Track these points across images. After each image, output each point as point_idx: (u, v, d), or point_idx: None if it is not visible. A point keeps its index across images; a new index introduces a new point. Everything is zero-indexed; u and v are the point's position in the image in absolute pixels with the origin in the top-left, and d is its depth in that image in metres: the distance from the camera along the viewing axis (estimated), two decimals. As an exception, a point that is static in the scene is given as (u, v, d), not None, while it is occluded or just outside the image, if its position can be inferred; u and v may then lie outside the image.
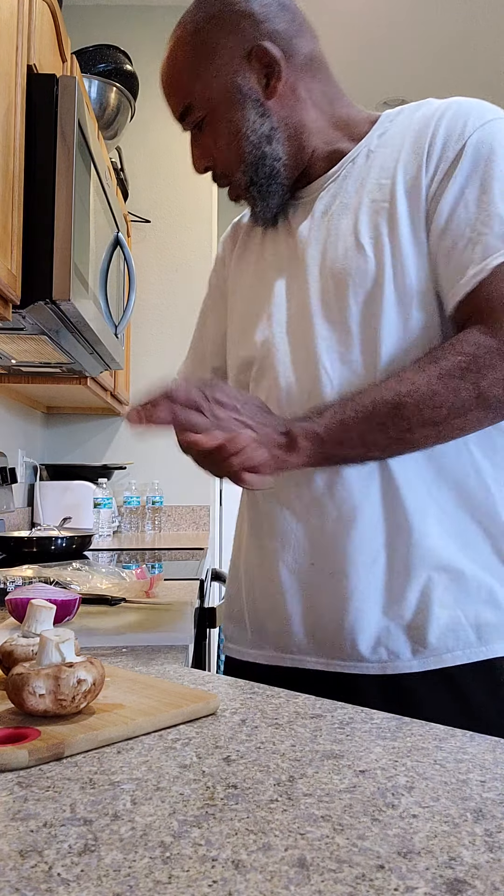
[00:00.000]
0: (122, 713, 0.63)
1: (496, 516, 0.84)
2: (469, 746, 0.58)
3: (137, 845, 0.42)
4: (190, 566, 1.89)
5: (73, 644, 0.64)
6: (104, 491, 2.71)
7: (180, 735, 0.61)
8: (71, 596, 1.00)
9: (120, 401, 2.93)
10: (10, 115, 1.29)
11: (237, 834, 0.44)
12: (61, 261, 1.38)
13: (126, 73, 2.60)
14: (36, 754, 0.55)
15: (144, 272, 3.20)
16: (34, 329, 1.57)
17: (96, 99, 2.52)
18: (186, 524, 3.14)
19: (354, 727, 0.62)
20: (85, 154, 1.52)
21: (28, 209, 1.38)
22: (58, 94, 1.40)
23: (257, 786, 0.51)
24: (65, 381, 2.24)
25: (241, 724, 0.63)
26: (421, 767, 0.54)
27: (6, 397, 2.52)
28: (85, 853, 0.42)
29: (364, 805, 0.48)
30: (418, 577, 0.82)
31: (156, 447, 3.16)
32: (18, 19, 1.34)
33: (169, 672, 0.81)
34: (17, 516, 2.59)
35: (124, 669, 0.78)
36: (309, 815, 0.46)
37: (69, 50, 1.75)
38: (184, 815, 0.46)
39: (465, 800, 0.49)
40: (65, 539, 1.87)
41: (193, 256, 3.21)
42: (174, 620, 1.06)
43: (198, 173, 0.98)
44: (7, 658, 0.71)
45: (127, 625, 1.03)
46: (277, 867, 0.40)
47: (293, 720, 0.64)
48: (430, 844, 0.43)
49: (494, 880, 0.39)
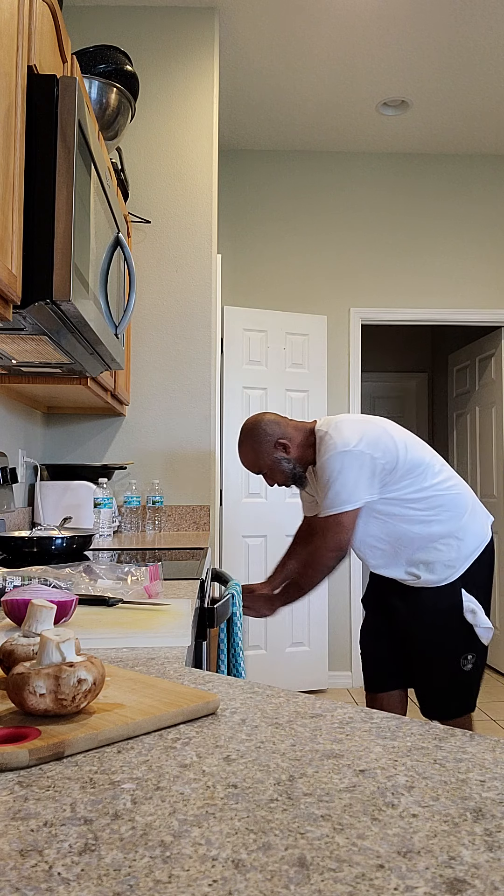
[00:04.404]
0: (123, 713, 0.63)
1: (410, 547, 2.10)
2: (469, 746, 0.58)
3: (137, 845, 0.43)
4: (190, 566, 1.89)
5: (73, 644, 0.64)
6: (104, 491, 2.71)
7: (180, 734, 0.61)
8: (68, 597, 1.00)
9: (120, 401, 2.93)
10: (11, 116, 1.29)
11: (237, 833, 0.44)
12: (61, 261, 1.38)
13: (126, 73, 2.60)
14: (36, 754, 0.55)
15: (144, 272, 3.20)
16: (34, 329, 1.57)
17: (96, 99, 2.52)
18: (186, 524, 3.15)
19: (354, 727, 0.62)
20: (85, 154, 1.52)
21: (28, 209, 1.38)
22: (58, 94, 1.41)
23: (257, 785, 0.51)
24: (65, 381, 2.24)
25: (241, 724, 0.63)
26: (421, 767, 0.54)
27: (6, 397, 2.52)
28: (85, 852, 0.42)
29: (364, 804, 0.48)
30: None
31: (156, 447, 3.16)
32: (19, 20, 1.34)
33: (169, 672, 0.81)
34: (18, 516, 2.59)
35: (124, 669, 0.78)
36: (309, 815, 0.46)
37: (69, 50, 1.75)
38: (184, 814, 0.46)
39: (465, 799, 0.49)
40: (65, 539, 1.87)
41: (193, 256, 3.21)
42: (174, 620, 1.06)
43: (269, 486, 2.36)
44: (8, 658, 0.71)
45: (127, 625, 1.03)
46: (277, 867, 0.40)
47: (293, 720, 0.64)
48: (430, 844, 0.43)
49: (494, 880, 0.39)
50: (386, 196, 4.40)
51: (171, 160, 3.23)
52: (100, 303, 1.74)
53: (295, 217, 4.35)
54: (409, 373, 6.15)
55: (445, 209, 4.40)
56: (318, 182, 4.38)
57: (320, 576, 2.01)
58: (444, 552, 2.02)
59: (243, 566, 3.90)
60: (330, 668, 4.18)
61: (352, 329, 4.32)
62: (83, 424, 3.16)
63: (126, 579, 1.36)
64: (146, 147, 3.22)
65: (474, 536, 2.05)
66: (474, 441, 4.90)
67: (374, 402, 6.18)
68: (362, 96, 3.79)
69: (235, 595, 1.85)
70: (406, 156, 4.42)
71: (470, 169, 4.42)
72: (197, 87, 3.24)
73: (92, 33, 3.19)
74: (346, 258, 4.35)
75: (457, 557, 2.02)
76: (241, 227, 4.33)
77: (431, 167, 4.41)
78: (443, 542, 2.02)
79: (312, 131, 4.14)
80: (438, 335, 6.03)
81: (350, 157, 4.40)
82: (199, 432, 3.18)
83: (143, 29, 3.21)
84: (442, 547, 2.03)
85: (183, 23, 3.22)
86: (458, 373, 5.20)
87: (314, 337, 4.14)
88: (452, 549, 2.02)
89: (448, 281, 4.37)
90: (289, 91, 3.74)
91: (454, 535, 2.02)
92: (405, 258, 4.37)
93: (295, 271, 4.33)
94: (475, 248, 4.38)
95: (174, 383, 3.18)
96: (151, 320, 3.19)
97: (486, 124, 4.05)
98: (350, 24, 3.22)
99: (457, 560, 2.02)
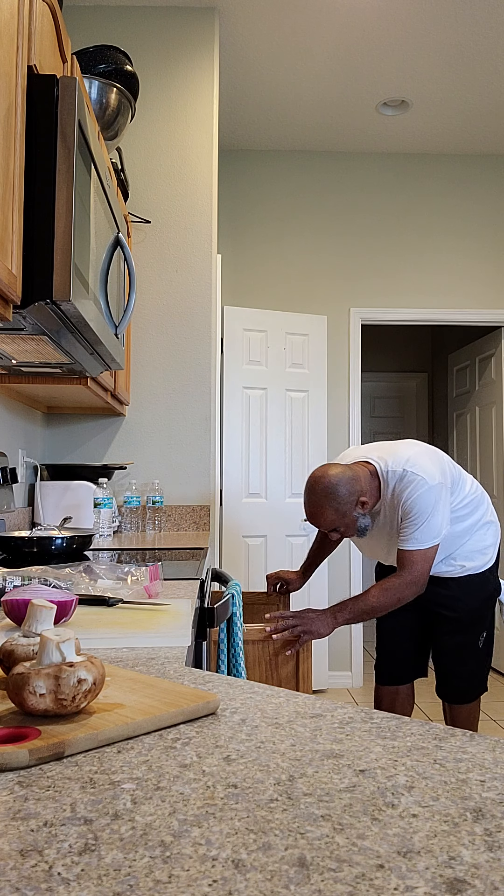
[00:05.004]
0: (123, 713, 0.63)
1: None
2: (469, 746, 0.58)
3: (137, 845, 0.42)
4: (190, 566, 1.89)
5: (73, 644, 0.64)
6: (104, 491, 2.71)
7: (180, 734, 0.61)
8: (68, 597, 1.00)
9: (120, 401, 2.93)
10: (11, 116, 1.29)
11: (237, 833, 0.44)
12: (61, 261, 1.38)
13: (126, 73, 2.60)
14: (36, 754, 0.55)
15: (144, 272, 3.20)
16: (34, 329, 1.57)
17: (96, 99, 2.52)
18: (186, 524, 3.15)
19: (354, 727, 0.62)
20: (85, 154, 1.52)
21: (28, 209, 1.38)
22: (58, 94, 1.41)
23: (257, 785, 0.51)
24: (65, 381, 2.24)
25: (241, 724, 0.63)
26: (421, 767, 0.54)
27: (6, 397, 2.52)
28: (85, 852, 0.42)
29: (364, 804, 0.48)
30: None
31: (156, 447, 3.16)
32: (19, 20, 1.34)
33: (169, 672, 0.81)
34: (18, 516, 2.59)
35: (124, 669, 0.78)
36: (309, 815, 0.46)
37: (69, 50, 1.75)
38: (184, 814, 0.46)
39: (465, 799, 0.49)
40: (65, 539, 1.87)
41: (193, 256, 3.21)
42: (174, 620, 1.06)
43: (333, 539, 2.15)
44: (7, 658, 0.71)
45: (127, 625, 1.03)
46: (277, 867, 0.40)
47: (293, 720, 0.64)
48: (430, 844, 0.43)
49: (494, 880, 0.39)
50: (386, 196, 4.39)
51: (171, 160, 3.23)
52: (100, 303, 1.74)
53: (295, 217, 4.35)
54: (409, 373, 6.15)
55: (445, 209, 4.40)
56: (318, 182, 4.38)
57: (396, 606, 2.00)
58: (483, 540, 2.19)
59: (243, 566, 3.89)
60: (330, 668, 4.18)
61: (352, 329, 4.32)
62: (83, 424, 3.16)
63: (126, 579, 1.36)
64: (146, 147, 3.22)
65: (496, 523, 2.26)
66: (474, 441, 4.90)
67: (374, 402, 6.18)
68: (362, 96, 3.79)
69: (235, 595, 1.85)
70: (406, 156, 4.42)
71: (470, 169, 4.42)
72: (197, 87, 3.24)
73: (92, 33, 3.19)
74: (347, 258, 4.35)
75: (492, 544, 2.21)
76: (241, 227, 4.33)
77: (431, 167, 4.41)
78: (481, 531, 2.19)
79: (312, 131, 4.14)
80: (438, 335, 6.03)
81: (350, 157, 4.40)
82: (199, 432, 3.18)
83: (143, 29, 3.21)
84: (482, 536, 2.19)
85: (183, 23, 3.22)
86: (458, 373, 5.21)
87: (314, 337, 4.14)
88: (489, 536, 2.21)
89: (448, 281, 4.37)
90: (289, 91, 3.74)
91: (488, 521, 2.21)
92: (405, 258, 4.37)
93: (295, 271, 4.33)
94: (475, 247, 4.38)
95: (174, 383, 3.18)
96: (151, 320, 3.19)
97: (486, 124, 4.05)
98: (350, 24, 3.22)
99: (492, 547, 2.21)
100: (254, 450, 3.95)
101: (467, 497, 2.13)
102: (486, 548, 2.19)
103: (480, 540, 2.17)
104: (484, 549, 2.18)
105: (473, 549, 2.17)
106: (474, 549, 2.17)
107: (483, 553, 2.18)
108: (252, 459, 3.95)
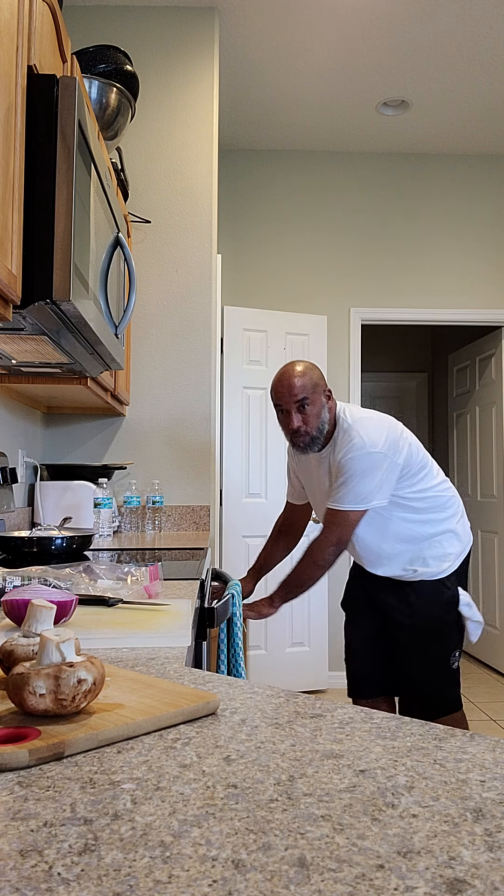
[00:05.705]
0: (123, 713, 0.63)
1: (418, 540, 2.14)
2: (469, 746, 0.58)
3: (137, 845, 0.42)
4: (190, 566, 1.89)
5: (73, 644, 0.64)
6: (104, 491, 2.71)
7: (180, 735, 0.61)
8: (68, 597, 1.00)
9: (120, 401, 2.93)
10: (11, 116, 1.29)
11: (237, 833, 0.44)
12: (61, 261, 1.38)
13: (126, 73, 2.60)
14: (36, 754, 0.55)
15: (144, 272, 3.20)
16: (34, 329, 1.57)
17: (96, 99, 2.52)
18: (186, 524, 3.15)
19: (354, 727, 0.62)
20: (85, 154, 1.52)
21: (28, 209, 1.38)
22: (58, 94, 1.41)
23: (257, 785, 0.51)
24: (65, 381, 2.24)
25: (241, 724, 0.63)
26: (421, 767, 0.54)
27: (6, 397, 2.52)
28: (85, 853, 0.42)
29: (364, 805, 0.48)
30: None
31: (156, 447, 3.16)
32: (19, 20, 1.34)
33: (169, 672, 0.81)
34: (18, 516, 2.59)
35: (124, 669, 0.78)
36: (309, 815, 0.46)
37: (69, 50, 1.75)
38: (184, 814, 0.46)
39: (465, 799, 0.49)
40: (65, 539, 1.87)
41: (193, 256, 3.21)
42: (174, 620, 1.06)
43: (291, 430, 2.05)
44: (8, 658, 0.71)
45: (127, 625, 1.03)
46: (277, 867, 0.40)
47: (293, 720, 0.64)
48: (430, 844, 0.43)
49: (494, 880, 0.39)
50: (386, 196, 4.39)
51: (171, 160, 3.23)
52: (100, 303, 1.74)
53: (295, 217, 4.35)
54: (409, 373, 6.15)
55: (445, 209, 4.40)
56: (318, 182, 4.38)
57: (321, 571, 2.03)
58: (443, 547, 2.11)
59: (243, 566, 3.89)
60: (330, 668, 4.18)
61: (352, 329, 4.32)
62: (83, 424, 3.16)
63: (126, 579, 1.36)
64: (146, 147, 3.22)
65: (466, 535, 2.17)
66: (474, 441, 4.90)
67: (373, 402, 6.18)
68: (362, 96, 3.79)
69: (235, 595, 1.85)
70: (406, 156, 4.41)
71: (470, 169, 4.42)
72: (197, 87, 3.24)
73: (92, 33, 3.19)
74: (347, 258, 4.35)
75: (452, 553, 2.11)
76: (241, 227, 4.33)
77: (431, 167, 4.41)
78: (442, 538, 2.11)
79: (312, 131, 4.14)
80: (438, 335, 6.03)
81: (350, 156, 4.40)
82: (199, 432, 3.18)
83: (143, 29, 3.21)
84: (440, 542, 2.11)
85: (183, 23, 3.22)
86: (458, 373, 5.20)
87: (314, 337, 4.13)
88: (449, 545, 2.12)
89: (448, 281, 4.37)
90: (289, 91, 3.74)
91: (451, 530, 2.12)
92: (405, 258, 4.37)
93: (295, 271, 4.33)
94: (475, 247, 4.38)
95: (174, 383, 3.18)
96: (151, 320, 3.19)
97: (486, 124, 4.05)
98: (350, 24, 3.22)
99: (452, 555, 2.11)
100: (254, 450, 3.95)
101: (429, 492, 2.07)
102: (444, 555, 2.10)
103: (440, 547, 2.10)
104: (443, 556, 2.10)
105: (431, 556, 2.09)
106: (432, 556, 2.09)
107: (441, 560, 2.10)
108: (252, 459, 3.95)
